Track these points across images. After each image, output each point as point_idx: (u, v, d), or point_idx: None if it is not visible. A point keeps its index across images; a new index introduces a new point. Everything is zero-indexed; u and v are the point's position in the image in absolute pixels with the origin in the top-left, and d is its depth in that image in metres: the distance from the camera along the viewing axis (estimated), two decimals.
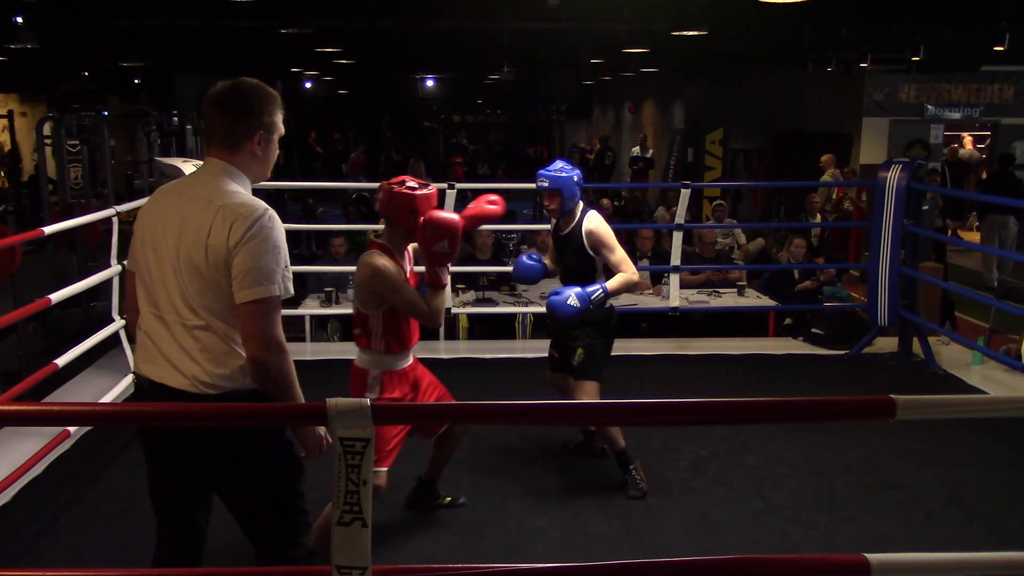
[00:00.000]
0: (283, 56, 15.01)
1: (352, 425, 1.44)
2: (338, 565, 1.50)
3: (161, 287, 2.23)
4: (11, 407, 2.51)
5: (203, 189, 2.26)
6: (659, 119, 19.22)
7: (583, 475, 4.18)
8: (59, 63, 15.11)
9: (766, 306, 6.94)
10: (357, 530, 1.47)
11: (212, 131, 2.31)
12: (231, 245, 2.16)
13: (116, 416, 2.19)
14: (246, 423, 1.77)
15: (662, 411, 1.84)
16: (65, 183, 9.45)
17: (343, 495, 1.48)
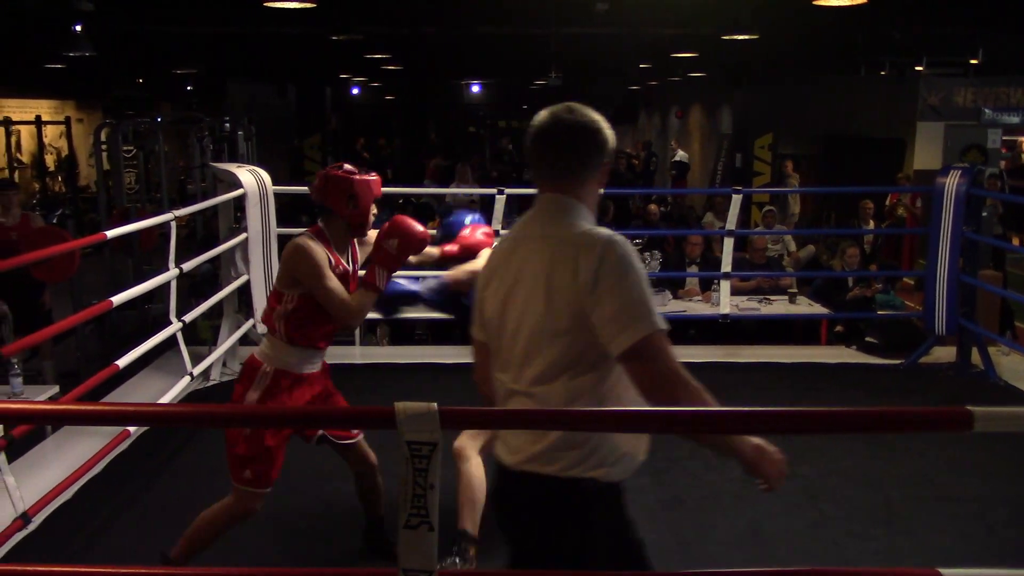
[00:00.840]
0: (332, 63, 15.18)
1: (419, 429, 1.44)
2: (405, 568, 1.51)
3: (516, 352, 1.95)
4: (74, 407, 2.56)
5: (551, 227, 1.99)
6: (706, 124, 19.07)
7: (631, 482, 4.14)
8: (114, 70, 15.46)
9: (818, 314, 6.84)
10: (424, 534, 1.48)
11: (554, 164, 2.02)
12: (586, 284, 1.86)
13: (175, 417, 2.22)
14: (312, 426, 1.78)
15: (750, 420, 1.81)
16: (121, 188, 9.66)
17: (410, 499, 1.49)
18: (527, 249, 1.97)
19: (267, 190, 5.55)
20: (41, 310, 6.68)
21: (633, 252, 1.91)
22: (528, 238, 2.00)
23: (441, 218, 9.54)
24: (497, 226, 6.12)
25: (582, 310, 1.85)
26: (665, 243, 8.74)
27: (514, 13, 8.98)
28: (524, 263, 1.95)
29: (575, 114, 2.02)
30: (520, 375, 1.91)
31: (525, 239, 2.01)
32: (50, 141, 17.49)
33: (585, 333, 1.86)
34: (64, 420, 2.51)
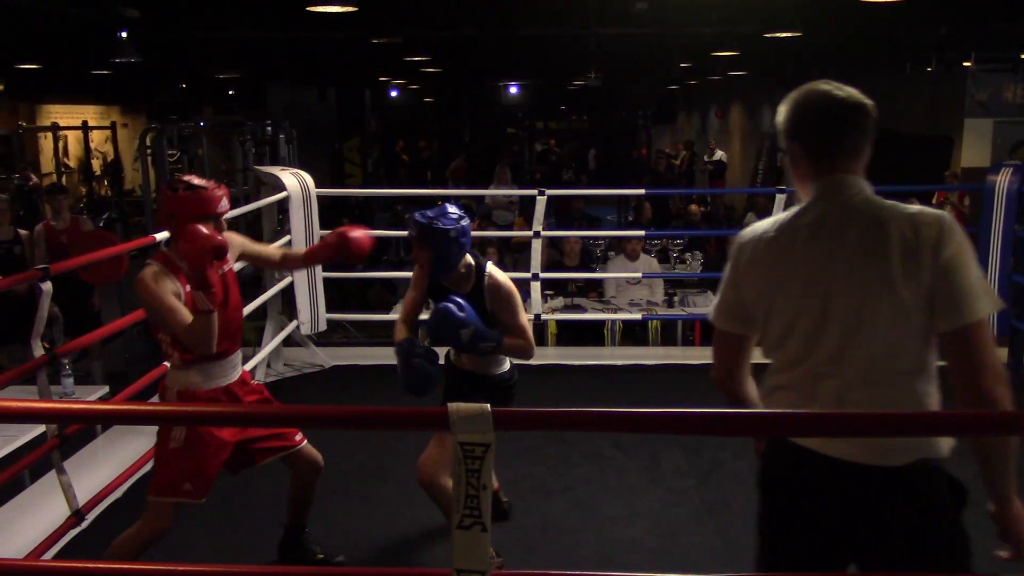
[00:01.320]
0: (372, 65, 15.29)
1: (473, 430, 1.44)
2: (458, 568, 1.51)
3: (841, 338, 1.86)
4: (130, 407, 2.60)
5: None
6: (746, 123, 18.89)
7: (675, 484, 4.11)
8: (158, 76, 15.72)
9: None
10: (477, 534, 1.48)
11: (856, 144, 1.99)
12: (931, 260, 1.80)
13: (225, 417, 2.24)
14: (365, 426, 1.79)
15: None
16: None
17: (463, 499, 1.49)
18: (839, 232, 1.89)
19: (310, 193, 5.60)
20: (90, 312, 6.81)
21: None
22: (834, 221, 1.91)
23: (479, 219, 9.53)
24: (538, 227, 6.12)
25: (928, 287, 1.80)
26: (707, 243, 8.67)
27: (554, 14, 8.97)
28: (840, 247, 1.87)
29: (853, 92, 2.02)
30: (857, 365, 1.86)
31: (827, 223, 1.91)
32: (96, 146, 17.84)
33: (927, 313, 1.82)
34: (120, 420, 2.54)
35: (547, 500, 3.94)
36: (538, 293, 6.18)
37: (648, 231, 7.41)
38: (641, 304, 6.79)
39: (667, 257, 7.75)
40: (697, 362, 6.10)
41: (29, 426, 4.05)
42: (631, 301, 6.86)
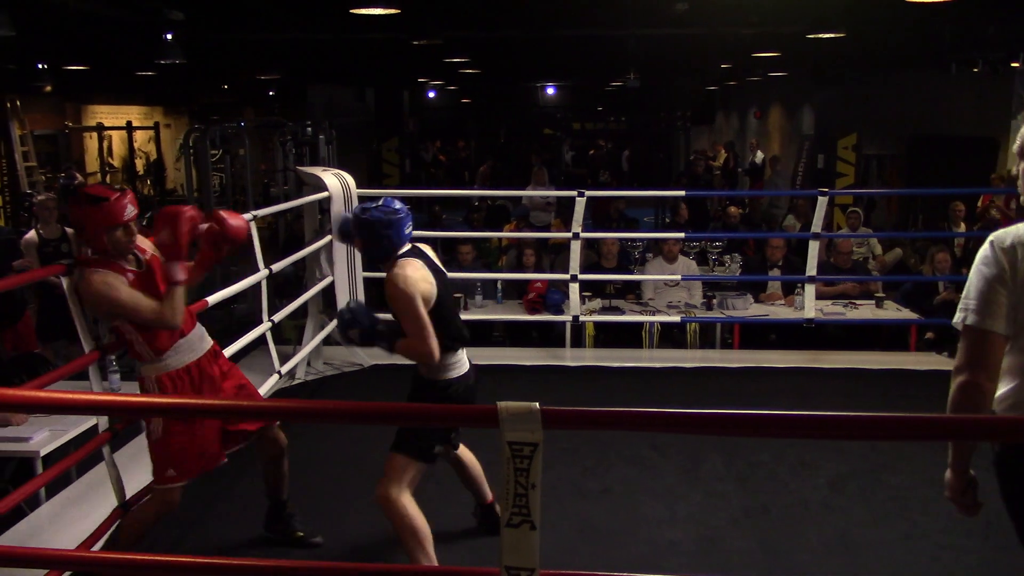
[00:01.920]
0: (411, 66, 15.37)
1: (521, 429, 1.45)
2: (507, 566, 1.52)
3: None
4: (186, 401, 2.64)
5: None
6: (786, 124, 18.68)
7: (714, 487, 4.09)
8: (201, 77, 15.93)
9: (908, 319, 6.63)
10: (526, 532, 1.49)
11: None
12: None
13: (274, 412, 2.27)
14: (406, 422, 1.80)
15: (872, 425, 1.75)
16: (209, 191, 9.94)
17: (512, 498, 1.50)
18: None
19: (351, 193, 5.65)
20: None
21: None
22: None
23: (518, 221, 9.53)
24: (577, 228, 6.12)
25: None
26: (745, 246, 8.60)
27: (593, 15, 8.95)
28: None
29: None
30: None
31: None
32: (139, 146, 18.15)
33: None
34: (174, 413, 2.59)
35: (585, 502, 3.94)
36: (576, 294, 6.17)
37: (687, 233, 7.37)
38: (679, 306, 6.76)
39: (705, 259, 7.70)
40: (736, 365, 6.06)
41: (79, 420, 4.14)
42: (669, 303, 6.83)
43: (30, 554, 2.06)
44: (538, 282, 6.65)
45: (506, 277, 7.24)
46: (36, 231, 6.67)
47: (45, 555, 2.21)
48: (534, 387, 5.55)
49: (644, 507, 3.90)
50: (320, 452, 4.51)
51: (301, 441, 4.62)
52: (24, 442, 4.05)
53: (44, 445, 4.03)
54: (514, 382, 5.67)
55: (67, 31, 8.75)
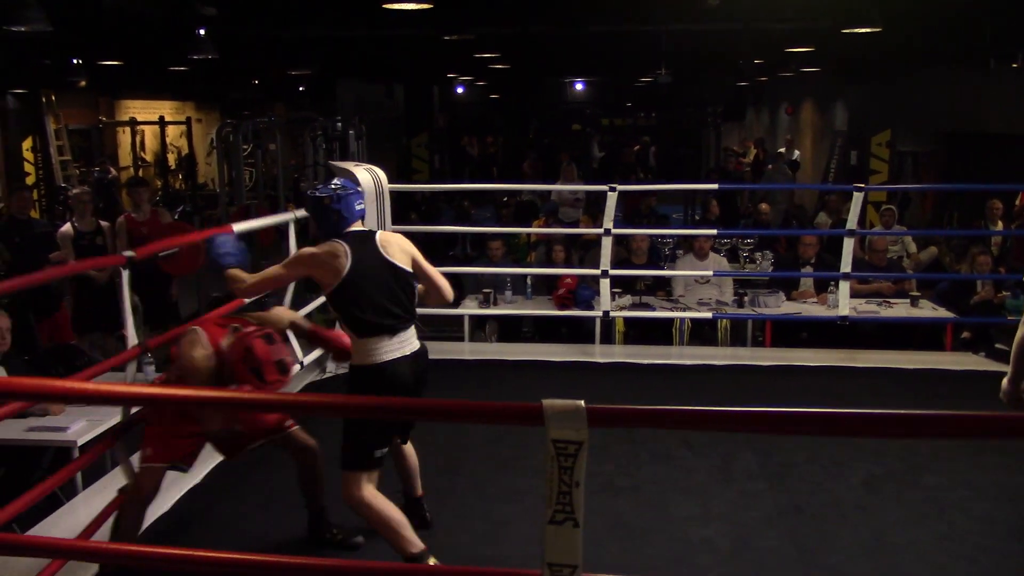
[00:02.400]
0: (441, 62, 15.38)
1: (566, 427, 1.44)
2: (549, 563, 1.51)
3: None
4: (225, 394, 2.64)
5: None
6: (818, 120, 18.49)
7: (748, 486, 4.06)
8: (233, 72, 16.05)
9: (944, 318, 6.53)
10: (569, 530, 1.48)
11: None
12: None
13: (315, 406, 2.28)
14: (452, 420, 1.80)
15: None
16: (241, 185, 10.02)
17: (555, 495, 1.49)
18: None
19: (383, 188, 5.66)
20: (168, 302, 6.98)
21: None
22: None
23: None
24: (608, 224, 6.09)
25: None
26: (777, 243, 8.52)
27: (625, 10, 8.90)
28: None
29: None
30: None
31: None
32: (171, 140, 18.34)
33: None
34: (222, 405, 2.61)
35: (615, 499, 3.93)
36: (607, 290, 6.15)
37: (719, 230, 7.31)
38: (710, 303, 6.71)
39: (736, 256, 7.64)
40: (767, 363, 6.01)
41: (115, 411, 4.18)
42: (700, 300, 6.78)
43: (52, 544, 2.08)
44: (568, 278, 6.63)
45: (537, 272, 7.23)
46: (71, 224, 6.76)
47: (78, 547, 2.23)
48: (563, 384, 5.53)
49: (676, 505, 3.87)
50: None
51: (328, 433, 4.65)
52: (62, 432, 4.10)
53: (81, 435, 4.08)
54: (543, 379, 5.66)
55: (102, 26, 8.85)
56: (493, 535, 3.61)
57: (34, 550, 2.13)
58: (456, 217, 11.63)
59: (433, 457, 4.36)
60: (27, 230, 7.07)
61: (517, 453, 4.27)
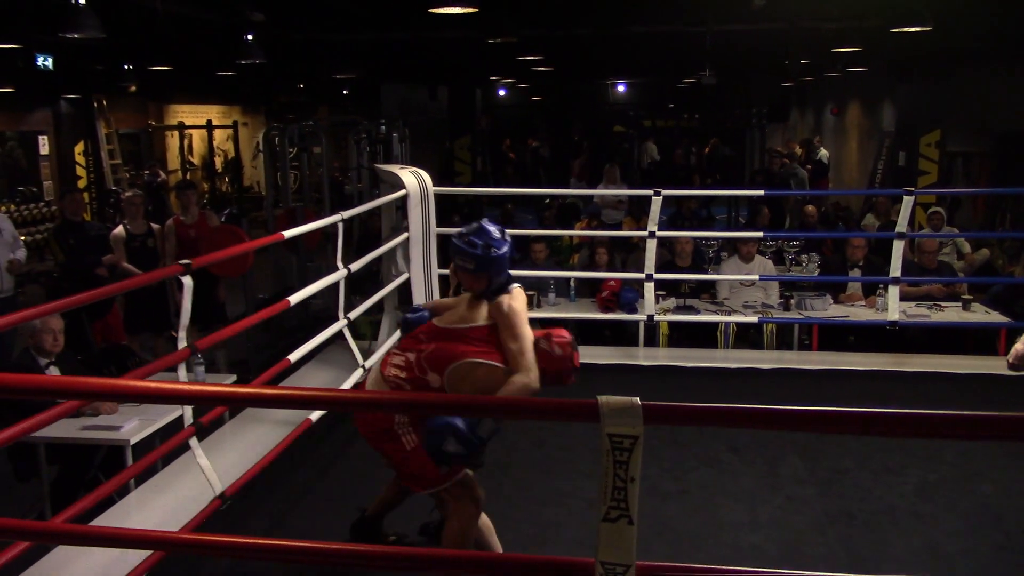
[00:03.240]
0: (485, 65, 15.43)
1: (622, 423, 1.43)
2: (603, 561, 1.50)
3: None
4: (290, 392, 2.65)
5: None
6: (865, 121, 18.20)
7: (796, 492, 4.01)
8: (278, 76, 16.28)
9: (997, 322, 6.39)
10: (623, 527, 1.47)
11: None
12: None
13: (373, 403, 2.28)
14: (509, 417, 1.80)
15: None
16: (287, 189, 10.13)
17: (610, 491, 1.48)
18: None
19: (428, 191, 5.69)
20: (216, 303, 7.09)
21: None
22: None
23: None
24: (653, 227, 6.06)
25: None
26: (823, 245, 8.40)
27: (669, 11, 8.85)
28: None
29: None
30: None
31: None
32: (218, 144, 18.64)
33: None
34: (276, 403, 2.61)
35: (663, 503, 3.90)
36: (651, 294, 6.11)
37: (766, 232, 7.22)
38: (756, 306, 6.64)
39: (782, 259, 7.55)
40: (814, 367, 5.93)
41: (166, 410, 4.26)
42: (745, 303, 6.71)
43: (133, 535, 2.12)
44: (611, 280, 6.60)
45: (582, 276, 7.21)
46: (123, 226, 6.89)
47: (147, 536, 2.27)
48: (607, 386, 5.44)
49: (723, 509, 3.84)
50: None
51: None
52: (115, 431, 4.18)
53: (134, 434, 4.16)
54: (587, 381, 5.60)
55: (153, 33, 9.02)
56: (541, 537, 3.60)
57: (134, 542, 2.15)
58: (500, 219, 11.66)
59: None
60: (80, 232, 7.21)
61: (563, 455, 4.27)
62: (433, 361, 3.01)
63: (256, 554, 1.85)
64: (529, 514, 3.78)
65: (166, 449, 3.44)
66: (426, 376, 3.01)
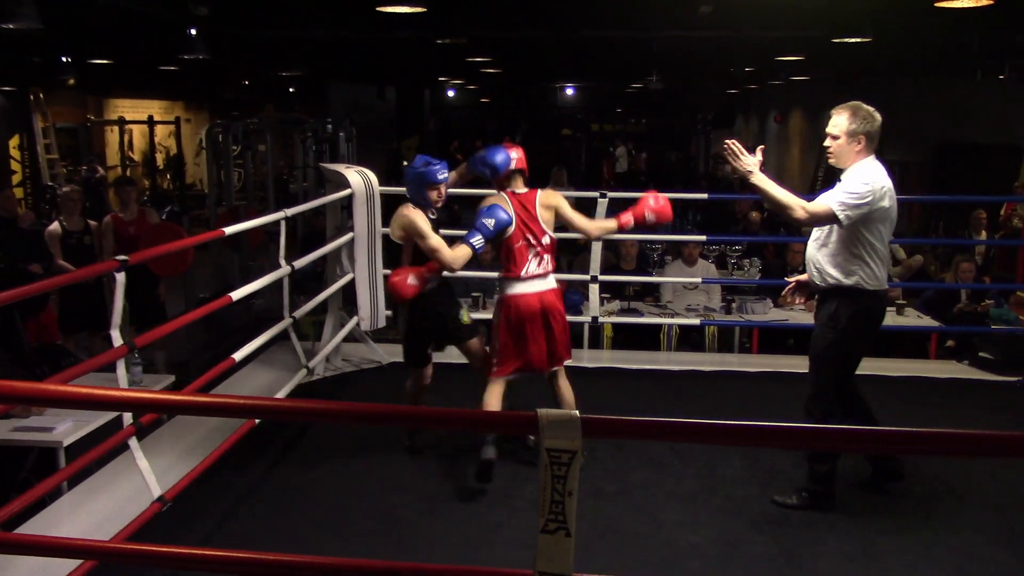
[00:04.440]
0: (433, 65, 15.39)
1: (560, 436, 1.45)
2: (541, 571, 1.51)
3: None
4: (227, 400, 2.62)
5: None
6: (807, 129, 18.59)
7: (735, 492, 4.07)
8: (223, 73, 16.01)
9: (929, 326, 6.58)
10: (561, 539, 1.49)
11: None
12: None
13: (312, 413, 2.25)
14: (445, 428, 1.80)
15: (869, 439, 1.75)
16: (231, 187, 9.98)
17: (548, 504, 1.50)
18: None
19: (374, 191, 5.65)
20: (156, 302, 6.96)
21: None
22: None
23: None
24: None
25: None
26: (765, 250, 8.55)
27: (617, 16, 8.93)
28: None
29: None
30: None
31: None
32: (159, 140, 18.27)
33: None
34: (213, 412, 2.59)
35: (604, 503, 3.93)
36: (596, 296, 6.16)
37: (708, 236, 7.33)
38: (698, 309, 6.74)
39: (725, 263, 7.67)
40: (754, 370, 6.03)
41: (101, 412, 4.16)
42: (688, 306, 6.81)
43: (66, 544, 2.07)
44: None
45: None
46: (59, 223, 6.72)
47: (79, 546, 2.22)
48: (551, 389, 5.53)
49: (664, 510, 3.88)
50: (338, 446, 4.52)
51: (321, 434, 4.64)
52: (48, 432, 4.08)
53: (67, 435, 4.06)
54: (531, 383, 5.63)
55: (93, 25, 8.81)
56: (486, 538, 3.61)
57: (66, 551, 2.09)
58: (446, 220, 11.61)
59: (424, 461, 4.37)
60: (12, 229, 7.02)
61: (509, 456, 4.27)
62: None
63: (195, 564, 1.82)
64: (474, 515, 3.78)
65: (103, 450, 3.36)
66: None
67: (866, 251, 3.68)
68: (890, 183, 3.70)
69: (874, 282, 3.71)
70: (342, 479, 4.17)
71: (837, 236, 3.70)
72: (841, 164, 3.75)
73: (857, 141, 3.70)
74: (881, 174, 3.69)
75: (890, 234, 3.77)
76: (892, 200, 3.71)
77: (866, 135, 3.71)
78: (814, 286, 3.94)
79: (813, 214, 3.67)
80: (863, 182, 3.62)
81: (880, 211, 3.65)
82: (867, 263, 3.69)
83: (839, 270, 3.70)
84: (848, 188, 3.62)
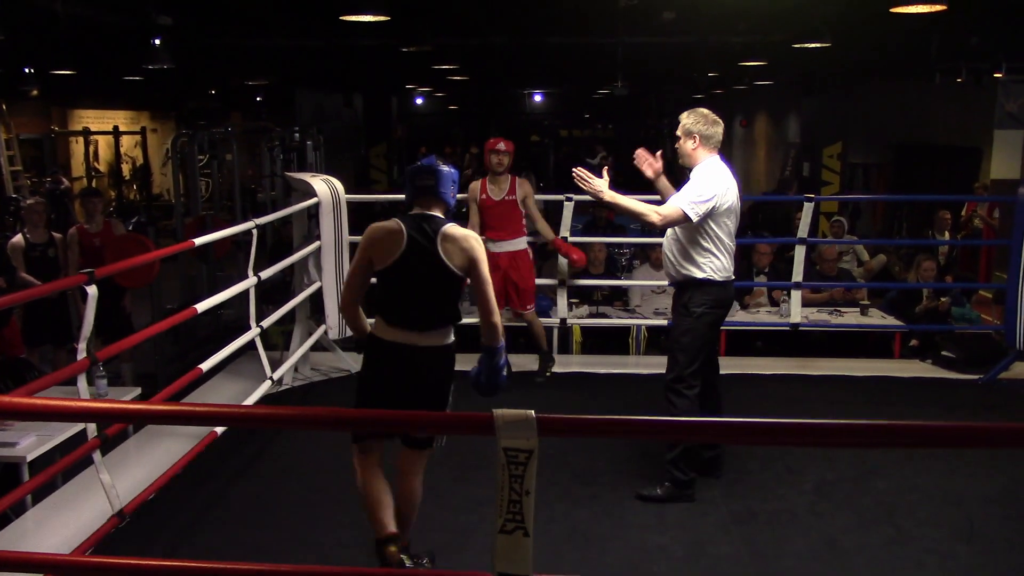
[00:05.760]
0: (400, 73, 15.38)
1: (517, 436, 1.46)
2: (499, 572, 1.53)
3: None
4: (193, 408, 2.61)
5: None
6: (772, 133, 18.81)
7: (702, 494, 4.11)
8: (189, 82, 15.89)
9: (893, 326, 6.69)
10: (519, 539, 1.50)
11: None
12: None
13: (284, 419, 2.27)
14: (407, 431, 1.81)
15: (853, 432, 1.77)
16: (197, 196, 9.90)
17: (506, 504, 1.51)
18: None
19: (340, 199, 5.65)
20: (122, 314, 6.88)
21: None
22: None
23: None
24: (565, 233, 6.14)
25: None
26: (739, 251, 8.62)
27: (582, 23, 9.00)
28: None
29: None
30: None
31: None
32: (125, 150, 18.08)
33: None
34: (180, 420, 2.58)
35: (573, 507, 3.96)
36: (564, 300, 6.19)
37: None
38: (667, 313, 6.78)
39: None
40: (722, 372, 6.07)
41: (66, 425, 4.12)
42: (656, 310, 6.86)
43: (23, 558, 2.06)
44: None
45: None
46: (23, 235, 6.64)
47: (36, 559, 2.20)
48: (519, 393, 5.54)
49: (632, 513, 3.92)
50: (301, 457, 4.50)
51: (286, 446, 4.62)
52: (10, 447, 4.03)
53: (31, 450, 4.01)
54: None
55: (55, 35, 8.71)
56: (455, 544, 3.62)
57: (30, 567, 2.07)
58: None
59: (389, 468, 4.36)
60: None
61: (476, 463, 4.28)
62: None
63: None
64: (442, 522, 3.79)
65: (66, 463, 3.33)
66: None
67: (714, 244, 3.97)
68: (733, 180, 4.00)
69: (723, 273, 4.01)
70: (308, 489, 4.16)
71: (688, 232, 3.98)
72: (687, 163, 4.05)
73: (692, 139, 4.01)
74: (724, 172, 3.98)
75: (735, 227, 4.06)
76: (735, 195, 4.00)
77: (700, 135, 3.99)
78: (670, 279, 4.22)
79: (666, 217, 3.93)
80: (707, 182, 3.90)
81: (724, 206, 3.93)
82: (715, 255, 3.98)
83: (691, 263, 4.00)
84: (695, 188, 3.90)
